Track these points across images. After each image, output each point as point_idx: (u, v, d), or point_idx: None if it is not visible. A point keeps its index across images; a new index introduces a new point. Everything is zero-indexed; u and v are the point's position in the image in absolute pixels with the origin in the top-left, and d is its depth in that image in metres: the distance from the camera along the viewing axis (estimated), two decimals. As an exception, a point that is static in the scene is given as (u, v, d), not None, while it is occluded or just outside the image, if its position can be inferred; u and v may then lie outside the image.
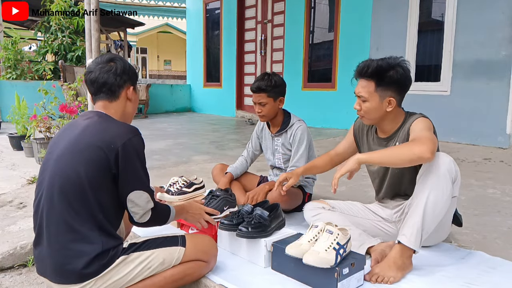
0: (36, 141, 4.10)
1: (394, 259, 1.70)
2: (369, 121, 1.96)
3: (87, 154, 1.47)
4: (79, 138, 1.51)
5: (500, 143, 4.85)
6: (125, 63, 1.65)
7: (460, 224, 2.00)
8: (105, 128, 1.52)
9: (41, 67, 8.63)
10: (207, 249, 1.71)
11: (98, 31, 3.83)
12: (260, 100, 2.46)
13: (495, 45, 4.84)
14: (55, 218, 1.45)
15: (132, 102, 1.69)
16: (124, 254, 1.50)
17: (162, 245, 1.58)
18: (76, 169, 1.45)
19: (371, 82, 1.84)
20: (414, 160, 1.65)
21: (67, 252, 1.43)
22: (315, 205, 2.10)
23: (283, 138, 2.57)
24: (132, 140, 1.51)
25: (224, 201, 2.12)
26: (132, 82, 1.68)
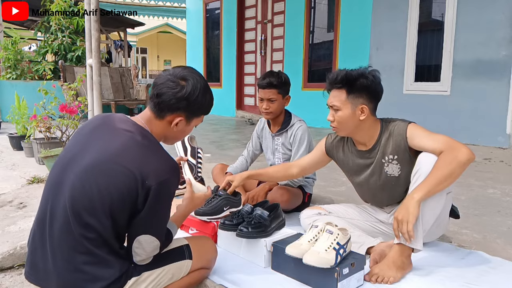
0: (36, 141, 4.10)
1: (394, 259, 1.70)
2: (344, 132, 1.91)
3: (118, 180, 1.32)
4: (115, 158, 1.35)
5: (500, 143, 4.85)
6: (194, 90, 1.44)
7: (457, 216, 1.98)
8: (146, 157, 1.36)
9: (41, 67, 8.62)
10: (210, 256, 1.70)
11: (98, 31, 3.83)
12: (270, 96, 2.43)
13: (495, 45, 4.84)
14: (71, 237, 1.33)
15: (175, 132, 1.51)
16: (135, 275, 1.42)
17: (171, 261, 1.52)
18: (102, 192, 1.31)
19: (342, 90, 1.82)
20: (465, 168, 1.65)
21: (81, 275, 1.34)
22: (311, 212, 2.10)
23: (284, 138, 2.57)
24: (168, 182, 1.37)
25: (224, 201, 2.12)
26: (188, 113, 1.47)
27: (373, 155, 1.90)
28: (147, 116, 1.48)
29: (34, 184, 3.39)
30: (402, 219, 1.62)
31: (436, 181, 1.64)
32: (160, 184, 1.34)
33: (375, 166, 1.90)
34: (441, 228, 1.95)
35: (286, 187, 2.42)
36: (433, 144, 1.71)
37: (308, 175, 2.59)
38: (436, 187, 1.64)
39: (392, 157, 1.85)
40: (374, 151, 1.89)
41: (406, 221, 1.61)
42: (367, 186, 2.01)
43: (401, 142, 1.81)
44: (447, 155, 1.65)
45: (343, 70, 1.83)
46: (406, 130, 1.80)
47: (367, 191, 2.06)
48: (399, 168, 1.85)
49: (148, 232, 1.38)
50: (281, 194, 2.35)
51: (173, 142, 1.62)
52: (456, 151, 1.64)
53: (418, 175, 1.72)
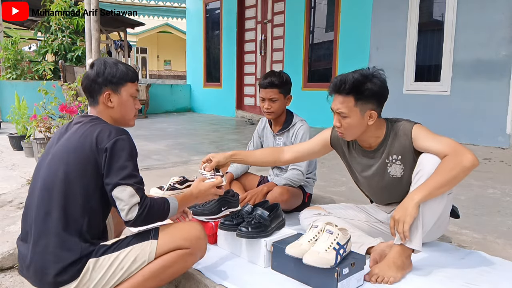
0: (36, 141, 4.10)
1: (394, 259, 1.70)
2: (351, 137, 1.88)
3: (78, 157, 1.47)
4: (71, 141, 1.52)
5: (500, 143, 4.85)
6: (100, 67, 1.59)
7: (457, 216, 1.98)
8: (94, 130, 1.51)
9: (41, 67, 8.62)
10: (187, 235, 1.57)
11: (98, 31, 3.83)
12: (272, 96, 2.44)
13: (495, 45, 4.84)
14: (43, 221, 1.44)
15: (115, 108, 1.62)
16: (93, 257, 1.45)
17: (133, 243, 1.51)
18: (66, 171, 1.46)
19: (350, 97, 1.75)
20: (468, 173, 1.64)
21: (47, 257, 1.42)
22: (310, 212, 2.09)
23: (285, 137, 2.57)
24: (118, 140, 1.48)
25: (222, 201, 2.12)
26: (111, 86, 1.60)
27: (378, 155, 1.89)
28: (91, 110, 1.66)
29: (34, 184, 3.39)
30: (399, 218, 1.63)
31: (437, 184, 1.63)
32: (112, 143, 1.47)
33: (379, 166, 1.89)
34: (441, 229, 1.96)
35: (286, 187, 2.42)
36: (438, 146, 1.70)
37: (308, 175, 2.59)
38: (437, 191, 1.64)
39: (396, 157, 1.84)
40: (379, 151, 1.88)
41: (403, 221, 1.62)
42: (368, 185, 2.01)
43: (406, 143, 1.80)
44: (451, 160, 1.64)
45: (349, 75, 1.76)
46: (411, 131, 1.79)
47: (367, 189, 2.07)
48: (402, 169, 1.85)
49: (116, 185, 1.44)
50: (281, 194, 2.35)
51: (124, 121, 1.68)
52: (460, 156, 1.63)
53: (419, 176, 1.72)
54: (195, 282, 1.75)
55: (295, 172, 2.45)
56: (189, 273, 1.80)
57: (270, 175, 2.75)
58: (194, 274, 1.78)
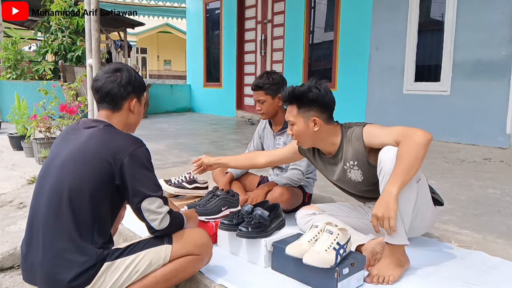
0: (36, 141, 4.10)
1: (389, 258, 1.70)
2: (305, 144, 1.98)
3: (92, 165, 1.47)
4: (84, 147, 1.51)
5: (500, 143, 4.85)
6: (130, 74, 1.64)
7: (441, 203, 2.00)
8: (110, 139, 1.52)
9: (41, 67, 8.62)
10: (198, 242, 1.62)
11: (98, 31, 3.83)
12: (259, 97, 2.50)
13: (495, 45, 4.84)
14: (53, 227, 1.44)
15: (135, 114, 1.68)
16: (108, 260, 1.46)
17: (147, 247, 1.54)
18: (80, 180, 1.45)
19: (294, 106, 1.91)
20: (427, 147, 1.66)
21: (60, 262, 1.42)
22: (305, 212, 2.10)
23: (285, 137, 2.57)
24: (137, 151, 1.50)
25: (223, 201, 2.12)
26: (137, 94, 1.66)
27: (337, 161, 1.95)
28: (104, 115, 1.63)
29: (34, 184, 3.39)
30: (383, 215, 1.60)
31: (404, 169, 1.64)
32: (130, 155, 1.48)
33: (340, 172, 1.95)
34: (426, 220, 1.94)
35: (286, 187, 2.42)
36: (390, 137, 1.74)
37: (308, 175, 2.59)
38: (407, 175, 1.64)
39: (352, 163, 1.88)
40: (337, 157, 1.94)
41: (387, 217, 1.60)
42: (340, 187, 2.08)
43: (359, 147, 1.84)
44: (405, 143, 1.68)
45: (290, 87, 1.93)
46: (362, 134, 1.84)
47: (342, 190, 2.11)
48: (361, 174, 1.88)
49: (145, 197, 1.48)
50: (281, 194, 2.35)
51: (134, 128, 1.74)
52: (411, 136, 1.67)
53: (383, 173, 1.72)
54: (195, 282, 1.75)
55: (295, 171, 2.46)
56: (189, 273, 1.80)
57: (270, 175, 2.75)
58: (194, 274, 1.77)
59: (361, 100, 6.34)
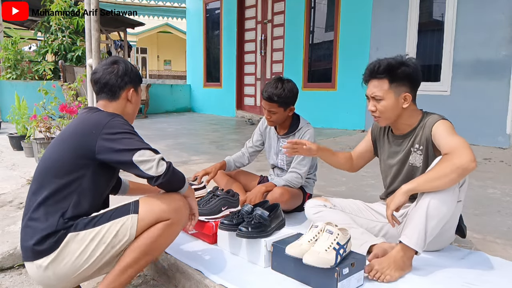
0: (36, 141, 4.10)
1: (395, 258, 1.70)
2: (386, 121, 1.94)
3: (70, 141, 1.58)
4: (67, 128, 1.67)
5: (500, 143, 4.85)
6: (127, 65, 1.74)
7: (464, 235, 1.98)
8: (89, 118, 1.62)
9: (41, 67, 8.62)
10: (167, 207, 1.58)
11: (98, 31, 3.83)
12: (271, 108, 2.43)
13: (495, 45, 4.84)
14: (32, 199, 1.55)
15: (132, 103, 1.77)
16: (72, 231, 1.50)
17: (113, 218, 1.54)
18: (60, 154, 1.57)
19: (384, 80, 1.84)
20: (461, 174, 1.63)
21: (28, 229, 1.52)
22: (316, 202, 2.07)
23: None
24: (110, 123, 1.57)
25: (223, 201, 2.12)
26: (134, 84, 1.76)
27: (405, 142, 1.94)
28: (101, 104, 1.73)
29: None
30: (387, 203, 1.70)
31: (425, 178, 1.67)
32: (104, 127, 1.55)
33: (404, 154, 1.95)
34: (447, 238, 1.94)
35: (286, 187, 2.41)
36: (446, 146, 1.72)
37: (308, 176, 2.59)
38: (424, 184, 1.67)
39: (418, 146, 1.89)
40: (407, 138, 1.94)
41: (388, 205, 1.69)
42: (389, 173, 2.05)
43: (428, 135, 1.84)
44: (446, 157, 1.67)
45: (383, 60, 1.86)
46: (433, 125, 1.82)
47: (387, 178, 2.09)
48: (422, 160, 1.89)
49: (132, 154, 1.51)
50: (281, 195, 2.34)
51: (132, 117, 1.81)
52: (456, 156, 1.64)
53: None
54: (195, 282, 1.75)
55: (294, 175, 2.45)
56: (189, 273, 1.80)
57: (271, 175, 2.75)
58: (194, 274, 1.78)
59: (361, 100, 6.33)
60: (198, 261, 1.88)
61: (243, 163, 2.74)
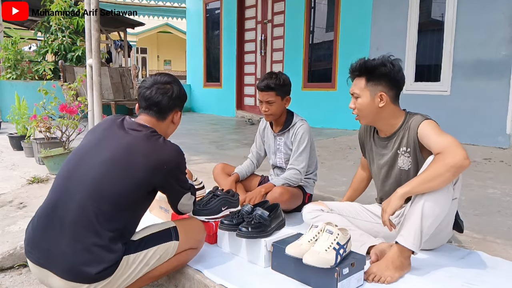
0: (36, 141, 4.09)
1: (392, 259, 1.70)
2: (364, 120, 1.96)
3: (135, 174, 1.53)
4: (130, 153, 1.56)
5: (500, 143, 4.85)
6: (180, 89, 1.77)
7: (461, 230, 1.99)
8: (154, 150, 1.59)
9: (41, 67, 8.62)
10: (198, 237, 1.79)
11: (98, 31, 3.82)
12: (268, 98, 2.44)
13: (495, 45, 4.84)
14: (85, 221, 1.46)
15: (175, 125, 1.82)
16: (126, 254, 1.53)
17: (158, 242, 1.62)
18: (122, 183, 1.52)
19: (362, 78, 1.89)
20: (455, 172, 1.63)
21: (90, 256, 1.44)
22: (313, 207, 2.09)
23: (286, 137, 2.57)
24: (179, 164, 1.66)
25: (223, 201, 2.12)
26: (181, 107, 1.81)
27: (391, 144, 1.94)
28: (148, 121, 1.70)
29: (34, 184, 3.39)
30: (383, 208, 1.71)
31: (420, 180, 1.67)
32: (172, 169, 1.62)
33: (391, 156, 1.94)
34: (444, 235, 1.94)
35: (286, 187, 2.41)
36: (436, 146, 1.71)
37: (308, 176, 2.59)
38: (419, 186, 1.67)
39: (405, 149, 1.88)
40: (392, 140, 1.93)
41: (384, 210, 1.69)
42: (378, 176, 2.05)
43: (415, 137, 1.83)
44: (439, 157, 1.67)
45: (361, 59, 1.91)
46: (418, 126, 1.81)
47: (377, 181, 2.09)
48: (410, 162, 1.88)
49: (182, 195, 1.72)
50: (281, 194, 2.35)
51: (168, 136, 1.83)
52: (449, 155, 1.64)
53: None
54: (195, 282, 1.75)
55: (292, 171, 2.45)
56: (189, 273, 1.80)
57: (271, 175, 2.75)
58: (194, 274, 1.78)
59: (361, 100, 6.33)
60: (198, 261, 1.88)
61: (252, 170, 2.78)
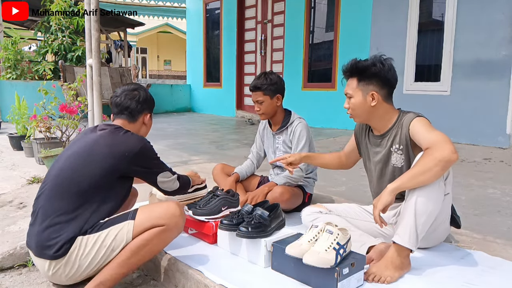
0: (36, 141, 4.09)
1: (392, 259, 1.70)
2: (358, 119, 1.99)
3: (102, 161, 1.75)
4: (94, 145, 1.79)
5: (500, 143, 4.85)
6: (146, 94, 2.01)
7: (458, 226, 2.00)
8: (120, 139, 1.82)
9: (41, 67, 8.62)
10: (163, 214, 1.74)
11: (98, 31, 3.83)
12: (257, 98, 2.51)
13: (495, 45, 4.84)
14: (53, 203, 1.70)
15: (146, 127, 2.03)
16: (82, 235, 1.67)
17: (112, 224, 1.71)
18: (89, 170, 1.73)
19: (354, 78, 1.92)
20: (443, 167, 1.64)
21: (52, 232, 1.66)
22: (312, 209, 2.10)
23: (284, 136, 2.58)
24: (142, 149, 1.82)
25: (223, 201, 2.12)
26: (150, 110, 2.03)
27: (384, 142, 1.95)
28: (119, 122, 1.94)
29: (34, 184, 3.39)
30: (374, 204, 1.71)
31: (409, 175, 1.68)
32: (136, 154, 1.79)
33: (384, 154, 1.95)
34: (441, 232, 1.95)
35: (286, 187, 2.42)
36: (426, 141, 1.73)
37: (308, 175, 2.60)
38: (409, 181, 1.67)
39: (398, 147, 1.89)
40: (385, 137, 1.94)
41: (375, 206, 1.69)
42: (373, 175, 2.05)
43: (407, 134, 1.85)
44: (427, 152, 1.68)
45: (353, 59, 1.94)
46: (410, 123, 1.83)
47: (371, 179, 2.10)
48: (403, 160, 1.88)
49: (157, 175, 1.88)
50: (281, 194, 2.35)
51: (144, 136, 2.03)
52: (436, 149, 1.65)
53: None
54: (195, 282, 1.75)
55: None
56: (189, 273, 1.80)
57: (271, 175, 2.75)
58: (194, 274, 1.78)
59: (361, 100, 6.33)
60: (198, 261, 1.88)
61: (252, 171, 2.79)
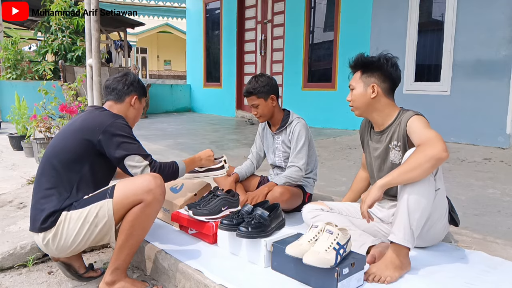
0: (36, 141, 4.10)
1: (391, 259, 1.70)
2: (358, 111, 2.00)
3: (76, 134, 1.83)
4: (75, 121, 1.92)
5: (500, 143, 4.85)
6: (135, 78, 2.06)
7: (457, 224, 2.00)
8: (95, 115, 1.90)
9: (41, 67, 8.62)
10: (137, 190, 1.73)
11: (98, 31, 3.82)
12: (252, 102, 2.53)
13: (495, 45, 4.84)
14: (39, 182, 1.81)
15: (134, 109, 2.05)
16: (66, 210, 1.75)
17: (93, 201, 1.76)
18: (65, 143, 1.83)
19: (358, 72, 1.99)
20: (434, 164, 1.65)
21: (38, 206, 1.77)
22: (313, 207, 2.10)
23: (283, 136, 2.58)
24: (113, 124, 1.83)
25: (223, 201, 2.12)
26: (138, 93, 2.05)
27: (383, 138, 1.97)
28: (107, 104, 2.02)
29: (34, 184, 3.39)
30: (362, 199, 1.74)
31: (400, 171, 1.69)
32: (107, 127, 1.82)
33: (383, 150, 1.97)
34: (434, 231, 1.94)
35: (286, 187, 2.42)
36: (419, 137, 1.75)
37: (308, 175, 2.60)
38: (399, 177, 1.69)
39: (396, 143, 1.91)
40: (385, 134, 1.96)
41: (363, 200, 1.71)
42: (372, 168, 2.07)
43: (404, 130, 1.87)
44: (419, 148, 1.70)
45: (359, 54, 2.01)
46: (408, 120, 1.85)
47: (373, 175, 2.11)
48: (401, 156, 1.89)
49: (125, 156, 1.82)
50: (281, 194, 2.35)
51: (133, 122, 2.08)
52: (427, 146, 1.67)
53: None
54: (195, 282, 1.75)
55: (293, 169, 2.46)
56: (189, 273, 1.80)
57: (271, 175, 2.75)
58: (194, 274, 1.78)
59: (361, 100, 6.33)
60: (198, 261, 1.88)
61: (252, 171, 2.79)
